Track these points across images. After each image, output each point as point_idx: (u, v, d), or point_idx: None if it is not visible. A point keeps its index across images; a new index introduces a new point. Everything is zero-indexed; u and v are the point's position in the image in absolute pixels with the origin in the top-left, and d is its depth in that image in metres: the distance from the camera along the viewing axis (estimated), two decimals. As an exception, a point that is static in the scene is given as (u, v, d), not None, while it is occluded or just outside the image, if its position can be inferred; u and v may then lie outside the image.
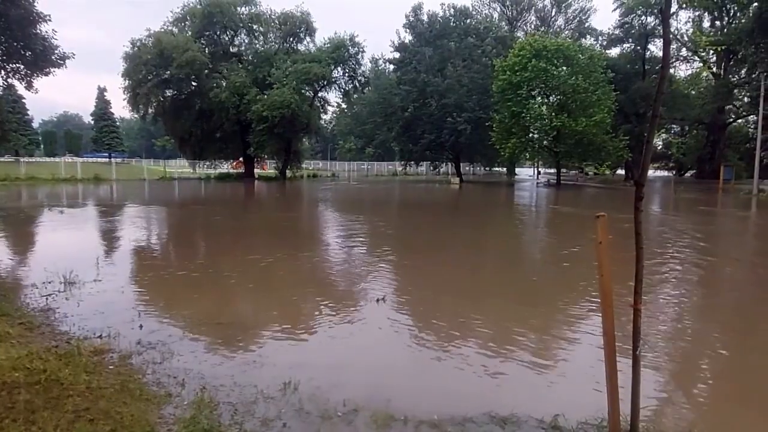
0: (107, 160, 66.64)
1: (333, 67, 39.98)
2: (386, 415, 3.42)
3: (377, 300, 6.36)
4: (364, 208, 21.40)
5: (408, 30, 42.52)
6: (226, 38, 42.13)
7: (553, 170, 39.22)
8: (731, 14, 43.56)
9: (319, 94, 43.10)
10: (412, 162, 45.90)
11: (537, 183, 42.12)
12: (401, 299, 6.72)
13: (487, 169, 59.05)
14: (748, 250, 12.24)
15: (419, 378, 4.25)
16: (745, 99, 40.14)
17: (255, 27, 42.13)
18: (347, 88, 42.82)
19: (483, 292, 7.25)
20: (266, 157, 47.56)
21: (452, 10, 42.32)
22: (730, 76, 44.36)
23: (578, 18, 56.30)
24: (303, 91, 38.69)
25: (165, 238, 12.96)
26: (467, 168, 57.29)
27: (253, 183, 38.75)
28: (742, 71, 41.23)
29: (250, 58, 42.28)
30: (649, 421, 3.25)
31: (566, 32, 52.79)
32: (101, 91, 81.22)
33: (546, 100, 35.33)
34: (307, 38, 43.05)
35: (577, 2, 55.89)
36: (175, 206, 21.35)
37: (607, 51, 45.98)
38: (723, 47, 39.95)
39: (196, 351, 4.61)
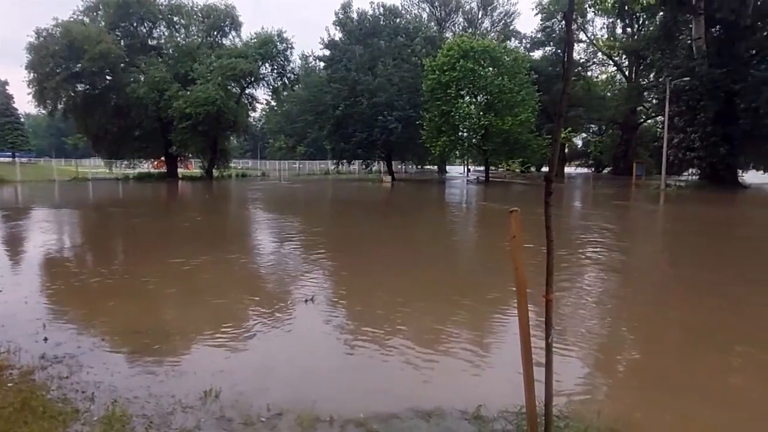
0: (11, 159, 60.94)
1: (261, 63, 39.03)
2: (312, 416, 3.36)
3: (305, 301, 6.26)
4: (295, 208, 21.06)
5: (338, 27, 42.35)
6: (144, 30, 39.92)
7: (482, 168, 40.58)
8: (640, 22, 47.18)
9: (247, 91, 41.95)
10: (344, 161, 45.80)
11: (467, 180, 43.41)
12: (331, 299, 6.65)
13: (419, 167, 60.05)
14: (657, 240, 13.30)
15: (347, 378, 4.23)
16: (654, 101, 43.49)
17: (176, 19, 40.24)
18: (276, 85, 41.95)
19: (413, 290, 7.33)
20: (190, 156, 45.66)
21: (382, 9, 42.67)
22: (640, 79, 48.13)
23: (503, 21, 58.53)
24: (229, 87, 37.50)
25: (76, 243, 12.03)
26: (399, 166, 57.98)
27: (176, 183, 37.00)
28: (651, 75, 44.77)
29: (170, 51, 40.23)
30: (563, 406, 3.41)
31: (492, 34, 54.69)
32: (2, 85, 74.14)
33: (474, 100, 36.43)
34: (233, 32, 41.82)
35: (502, 5, 58.09)
36: (89, 208, 19.92)
37: (531, 53, 48.25)
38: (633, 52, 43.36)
39: (108, 363, 4.30)
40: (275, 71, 41.07)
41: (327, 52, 43.07)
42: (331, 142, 43.55)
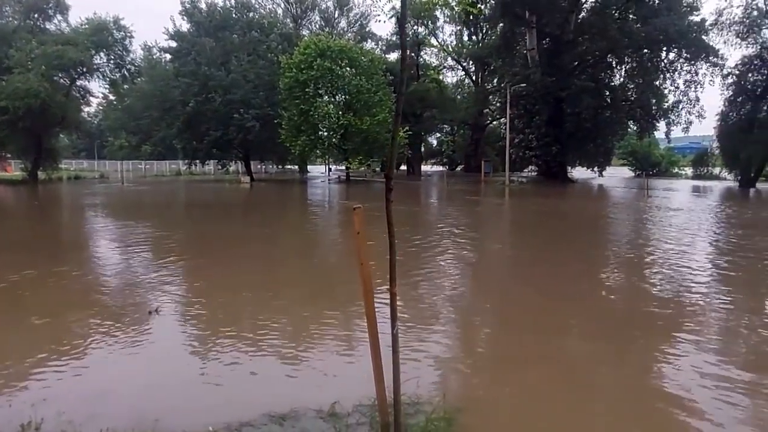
0: None
1: (94, 52, 34.78)
2: (152, 437, 3.09)
3: (149, 312, 5.74)
4: (141, 213, 19.20)
5: (185, 18, 39.53)
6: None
7: (343, 167, 41.11)
8: (484, 31, 51.74)
9: (78, 83, 37.15)
10: (198, 161, 43.02)
11: (329, 180, 43.67)
12: (179, 308, 6.20)
13: (280, 167, 58.77)
14: (503, 229, 14.73)
15: (196, 391, 3.96)
16: (498, 104, 48.04)
17: (-18, -4, 34.14)
18: (114, 78, 37.72)
19: (269, 293, 7.15)
20: (9, 156, 39.15)
21: (233, 2, 40.82)
22: (486, 84, 52.88)
23: (359, 22, 59.85)
24: (55, 78, 32.87)
25: None
26: (259, 166, 56.18)
27: (-10, 188, 31.45)
28: (495, 80, 49.40)
29: (-24, 35, 34.01)
30: (411, 393, 3.59)
31: (349, 34, 55.60)
32: None
33: (333, 99, 36.65)
34: (58, 16, 36.65)
35: (358, 7, 59.33)
36: None
37: (387, 55, 50.01)
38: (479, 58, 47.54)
39: None
40: (112, 62, 36.87)
41: (173, 44, 39.93)
42: (181, 140, 40.44)
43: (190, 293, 7.09)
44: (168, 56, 41.25)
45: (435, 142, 66.38)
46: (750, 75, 34.19)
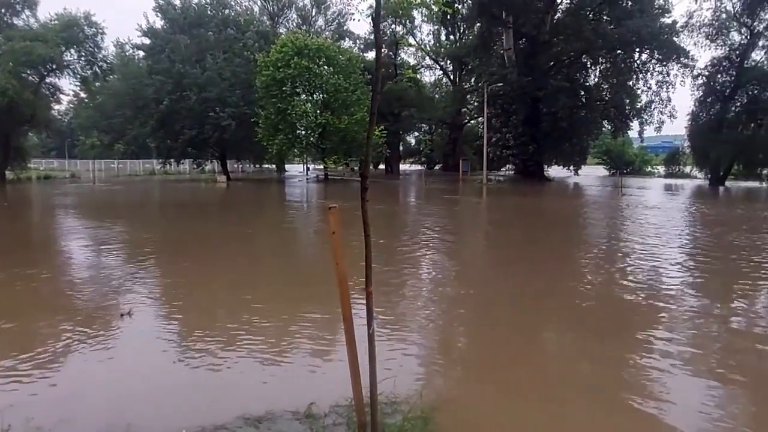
0: None
1: (64, 48, 33.86)
2: (124, 442, 3.02)
3: (122, 315, 5.61)
4: (114, 213, 18.77)
5: (159, 14, 38.76)
6: None
7: (322, 166, 40.87)
8: (461, 31, 52.03)
9: (47, 80, 36.10)
10: (172, 160, 42.25)
11: (306, 179, 43.41)
12: (154, 311, 6.09)
13: (257, 166, 58.08)
14: (481, 228, 14.84)
15: (171, 394, 3.90)
16: (475, 103, 48.38)
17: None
18: (86, 75, 36.78)
19: (243, 295, 7.04)
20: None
21: (208, -2, 40.21)
22: (464, 83, 53.20)
23: (337, 20, 59.54)
24: (24, 75, 31.91)
25: None
26: (235, 165, 55.48)
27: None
28: (472, 80, 49.74)
29: (-60, 30, 32.78)
30: (389, 393, 3.59)
31: (327, 33, 55.27)
32: None
33: (311, 98, 36.43)
34: (27, 12, 35.51)
35: (335, 5, 59.01)
36: None
37: (365, 54, 49.90)
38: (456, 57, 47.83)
39: None
40: (83, 59, 35.94)
41: (147, 41, 39.13)
42: (155, 139, 39.66)
43: (163, 295, 6.96)
44: (141, 53, 40.46)
45: (413, 141, 66.55)
46: (719, 76, 35.13)
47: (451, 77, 56.60)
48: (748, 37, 33.56)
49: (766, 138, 30.66)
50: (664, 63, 35.89)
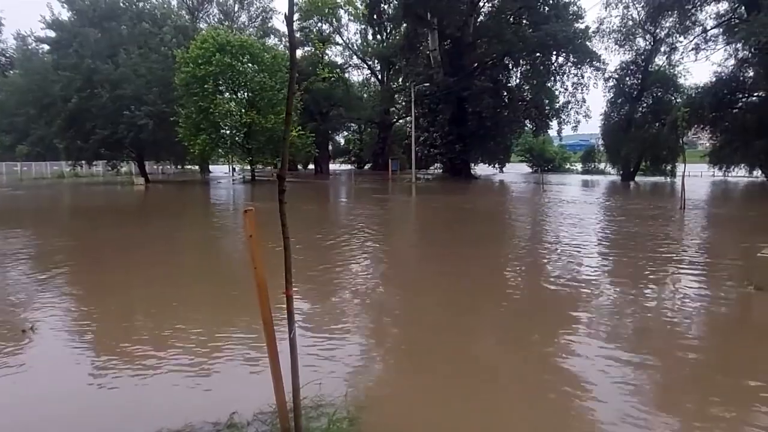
0: None
1: (-45, 40, 30.62)
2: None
3: (23, 331, 5.12)
4: (17, 220, 17.14)
5: (65, 5, 35.88)
6: None
7: (248, 167, 39.64)
8: (389, 30, 52.48)
9: (-66, 74, 32.47)
10: (84, 161, 39.32)
11: (233, 180, 42.04)
12: (62, 324, 5.60)
13: (179, 167, 55.41)
14: (410, 225, 15.04)
15: (76, 412, 3.60)
16: (403, 103, 49.06)
17: None
18: (-19, 69, 33.45)
19: (159, 302, 6.67)
20: None
21: (121, -10, 37.72)
22: (391, 83, 53.72)
23: (261, 17, 58.05)
24: None
25: None
26: (155, 167, 52.65)
27: None
28: (400, 79, 50.31)
29: None
30: (314, 396, 3.53)
31: (251, 30, 53.77)
32: None
33: (235, 96, 35.30)
34: None
35: (259, 1, 57.52)
36: None
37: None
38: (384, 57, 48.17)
39: None
40: (-22, 52, 32.71)
41: (52, 34, 36.14)
42: (64, 139, 36.61)
43: (74, 307, 6.42)
44: (46, 47, 37.26)
45: (343, 141, 66.41)
46: (627, 79, 38.03)
47: (379, 77, 57.02)
48: (652, 43, 36.59)
49: (668, 136, 33.57)
50: (579, 66, 38.22)
